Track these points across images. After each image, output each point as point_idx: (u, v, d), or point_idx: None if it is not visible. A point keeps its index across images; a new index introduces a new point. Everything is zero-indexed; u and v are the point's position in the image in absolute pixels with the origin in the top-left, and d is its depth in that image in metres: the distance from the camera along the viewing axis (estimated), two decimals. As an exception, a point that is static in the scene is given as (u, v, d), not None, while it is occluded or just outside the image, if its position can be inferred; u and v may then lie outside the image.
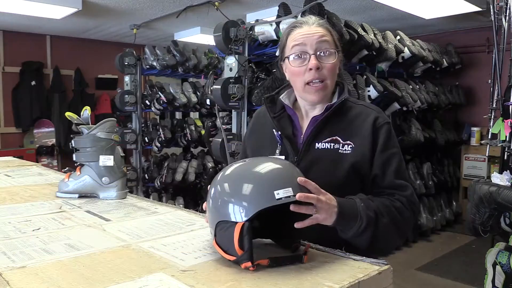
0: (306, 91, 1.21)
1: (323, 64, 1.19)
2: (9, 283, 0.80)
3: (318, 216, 0.96)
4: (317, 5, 3.05)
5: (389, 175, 1.17)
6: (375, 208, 1.08)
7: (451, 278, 3.52)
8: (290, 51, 1.22)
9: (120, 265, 0.90)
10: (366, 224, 1.05)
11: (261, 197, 0.89)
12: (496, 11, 2.77)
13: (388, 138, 1.20)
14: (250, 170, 0.96)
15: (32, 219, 1.26)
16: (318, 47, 1.19)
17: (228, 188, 0.94)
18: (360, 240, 1.08)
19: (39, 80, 5.71)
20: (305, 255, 0.93)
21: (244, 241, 0.87)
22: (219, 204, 0.94)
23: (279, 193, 0.89)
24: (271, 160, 1.00)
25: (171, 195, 4.94)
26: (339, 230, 1.06)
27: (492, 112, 2.83)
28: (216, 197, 0.96)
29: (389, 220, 1.09)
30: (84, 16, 4.59)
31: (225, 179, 0.97)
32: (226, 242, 0.90)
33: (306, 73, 1.19)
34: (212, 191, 0.98)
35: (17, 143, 5.70)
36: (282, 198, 0.89)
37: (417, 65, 4.42)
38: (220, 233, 0.92)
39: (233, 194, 0.92)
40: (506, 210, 2.18)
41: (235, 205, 0.90)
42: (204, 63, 4.75)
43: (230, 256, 0.89)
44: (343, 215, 1.01)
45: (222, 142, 3.29)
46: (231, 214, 0.90)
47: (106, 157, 1.54)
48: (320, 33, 1.20)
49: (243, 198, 0.90)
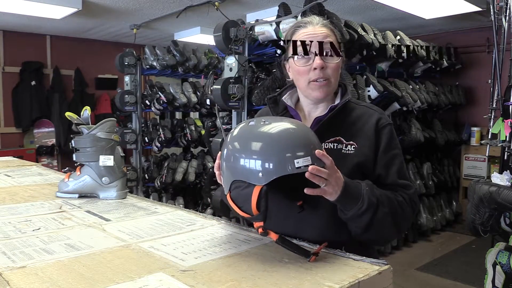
0: (310, 87, 1.22)
1: (327, 64, 1.20)
2: (9, 283, 0.80)
3: (326, 189, 1.00)
4: (317, 5, 3.05)
5: (392, 175, 1.20)
6: (378, 196, 1.11)
7: (451, 278, 3.52)
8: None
9: (120, 265, 0.90)
10: (366, 207, 1.07)
11: (282, 164, 0.92)
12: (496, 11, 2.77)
13: (390, 139, 1.22)
14: (274, 134, 0.96)
15: (32, 219, 1.26)
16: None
17: (250, 147, 0.95)
18: (357, 223, 1.11)
19: (39, 80, 5.71)
20: (314, 255, 0.93)
21: (261, 203, 0.92)
22: (238, 162, 0.95)
23: (299, 162, 0.92)
24: (292, 123, 1.01)
25: (171, 195, 4.94)
26: (339, 209, 1.10)
27: (492, 112, 2.83)
28: (235, 154, 0.97)
29: (389, 210, 1.12)
30: (84, 16, 4.59)
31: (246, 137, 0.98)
32: (242, 201, 0.96)
33: (310, 72, 1.20)
34: (232, 146, 0.99)
35: (17, 143, 5.70)
36: (301, 167, 0.92)
37: (417, 65, 4.42)
38: (236, 191, 0.97)
39: (254, 155, 0.93)
40: (506, 210, 2.18)
41: (255, 167, 0.92)
42: (204, 63, 4.75)
43: (244, 213, 0.94)
44: (347, 194, 1.04)
45: (222, 142, 3.29)
46: (250, 175, 0.93)
47: (106, 157, 1.54)
48: (324, 33, 1.22)
49: (264, 161, 0.92)
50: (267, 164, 0.92)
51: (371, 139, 1.20)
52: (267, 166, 0.92)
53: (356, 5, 4.21)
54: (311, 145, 0.96)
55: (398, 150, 1.24)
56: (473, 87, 5.23)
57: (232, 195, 0.98)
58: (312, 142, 0.98)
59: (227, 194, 0.99)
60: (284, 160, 0.92)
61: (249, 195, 0.93)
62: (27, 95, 5.61)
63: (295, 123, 1.02)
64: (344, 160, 1.18)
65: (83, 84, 6.12)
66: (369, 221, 1.09)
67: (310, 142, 0.97)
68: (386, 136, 1.21)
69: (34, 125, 5.76)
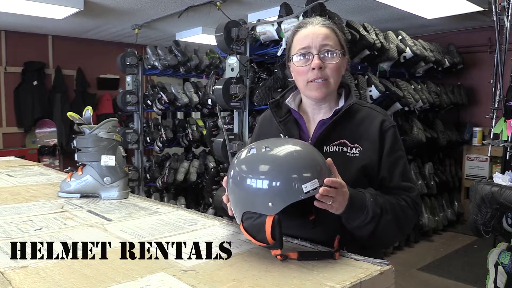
0: (308, 88, 1.23)
1: (326, 64, 1.20)
2: (11, 282, 0.80)
3: (333, 205, 1.00)
4: (318, 5, 3.05)
5: (396, 177, 1.20)
6: (382, 205, 1.11)
7: (453, 279, 3.51)
8: (295, 51, 1.23)
9: (122, 265, 0.90)
10: (370, 218, 1.09)
11: (290, 192, 0.93)
12: (498, 11, 2.77)
13: (394, 142, 1.22)
14: (278, 159, 0.97)
15: (34, 219, 1.26)
16: (322, 47, 1.20)
17: (257, 176, 0.95)
18: (361, 231, 1.12)
19: (41, 80, 5.72)
20: (337, 252, 0.95)
21: (276, 231, 0.93)
22: (247, 194, 0.97)
23: (307, 187, 0.93)
24: (295, 144, 1.01)
25: (172, 195, 4.94)
26: (344, 219, 1.10)
27: (494, 112, 2.83)
28: (242, 185, 0.97)
29: (392, 217, 1.13)
30: (86, 16, 4.59)
31: (250, 168, 0.98)
32: (256, 231, 0.96)
33: (309, 72, 1.20)
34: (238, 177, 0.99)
35: (19, 143, 5.71)
36: (309, 191, 0.93)
37: (419, 65, 4.42)
38: (249, 222, 0.97)
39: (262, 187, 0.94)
40: (508, 210, 2.18)
41: (264, 199, 0.93)
42: (206, 63, 4.75)
43: (260, 242, 0.95)
44: (352, 208, 1.05)
45: (223, 142, 3.29)
46: (260, 206, 0.94)
47: (108, 157, 1.54)
48: (324, 33, 1.21)
49: (273, 191, 0.93)
50: (276, 193, 0.93)
51: (375, 141, 1.20)
52: (276, 196, 0.93)
53: (358, 5, 4.21)
54: (317, 167, 0.97)
55: (402, 152, 1.24)
56: (475, 87, 5.22)
57: (245, 226, 0.99)
58: (318, 162, 0.98)
59: (240, 225, 1.00)
60: (292, 187, 0.93)
61: (262, 225, 0.94)
62: (29, 95, 5.62)
63: (298, 144, 1.02)
64: (349, 163, 1.18)
65: (85, 84, 6.12)
66: (373, 229, 1.11)
67: (316, 163, 0.98)
68: (390, 138, 1.21)
69: (36, 125, 5.77)
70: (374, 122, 1.23)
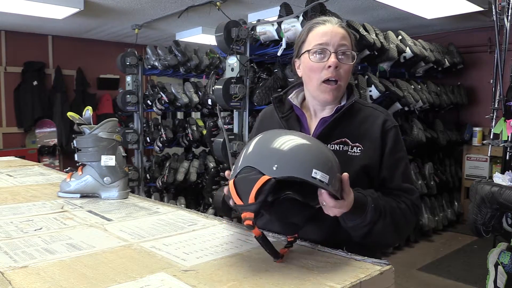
0: (321, 89, 1.22)
1: (341, 64, 1.20)
2: (11, 282, 0.80)
3: (335, 210, 0.99)
4: (318, 5, 3.05)
5: (397, 178, 1.20)
6: (382, 209, 1.11)
7: (453, 279, 3.51)
8: (311, 46, 1.22)
9: (122, 265, 0.90)
10: (367, 223, 1.08)
11: (301, 166, 0.89)
12: (498, 11, 2.77)
13: (396, 142, 1.22)
14: (304, 143, 0.95)
15: (34, 219, 1.26)
16: (339, 47, 1.20)
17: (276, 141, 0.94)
18: (355, 232, 1.12)
19: (41, 80, 5.72)
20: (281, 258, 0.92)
21: (263, 192, 0.87)
22: (258, 149, 0.94)
23: (317, 173, 0.89)
24: (319, 142, 1.01)
25: (172, 195, 4.94)
26: (340, 218, 1.09)
27: (494, 112, 2.83)
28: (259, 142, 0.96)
29: (391, 221, 1.12)
30: (85, 16, 4.59)
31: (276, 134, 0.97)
32: (244, 185, 0.90)
33: (324, 70, 1.20)
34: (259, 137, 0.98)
35: (19, 143, 5.71)
36: (317, 178, 0.89)
37: (419, 65, 4.41)
38: (243, 176, 0.92)
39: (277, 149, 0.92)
40: (508, 210, 2.18)
41: (272, 159, 0.90)
42: (206, 63, 4.75)
43: (239, 200, 0.89)
44: (352, 211, 1.04)
45: (223, 142, 3.29)
46: (265, 165, 0.90)
47: (108, 157, 1.54)
48: (342, 34, 1.21)
49: (284, 157, 0.90)
50: (288, 160, 0.90)
51: (377, 141, 1.20)
52: (285, 163, 0.89)
53: (358, 5, 4.21)
54: (336, 172, 0.95)
55: (403, 153, 1.23)
56: (475, 87, 5.22)
57: (237, 179, 0.92)
58: (336, 165, 0.97)
59: (232, 180, 0.93)
60: (304, 164, 0.90)
61: (254, 182, 0.88)
62: (29, 95, 5.62)
63: (317, 140, 1.02)
64: (350, 163, 1.17)
65: (85, 84, 6.12)
66: (368, 231, 1.10)
67: (335, 165, 0.96)
68: (392, 138, 1.21)
69: (36, 125, 5.77)
70: (376, 122, 1.22)
